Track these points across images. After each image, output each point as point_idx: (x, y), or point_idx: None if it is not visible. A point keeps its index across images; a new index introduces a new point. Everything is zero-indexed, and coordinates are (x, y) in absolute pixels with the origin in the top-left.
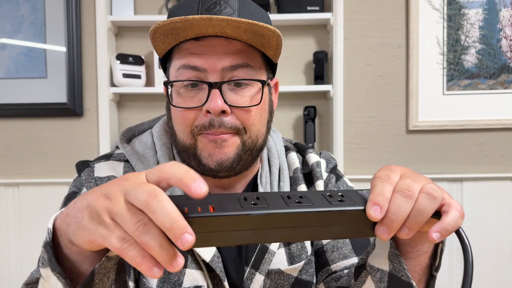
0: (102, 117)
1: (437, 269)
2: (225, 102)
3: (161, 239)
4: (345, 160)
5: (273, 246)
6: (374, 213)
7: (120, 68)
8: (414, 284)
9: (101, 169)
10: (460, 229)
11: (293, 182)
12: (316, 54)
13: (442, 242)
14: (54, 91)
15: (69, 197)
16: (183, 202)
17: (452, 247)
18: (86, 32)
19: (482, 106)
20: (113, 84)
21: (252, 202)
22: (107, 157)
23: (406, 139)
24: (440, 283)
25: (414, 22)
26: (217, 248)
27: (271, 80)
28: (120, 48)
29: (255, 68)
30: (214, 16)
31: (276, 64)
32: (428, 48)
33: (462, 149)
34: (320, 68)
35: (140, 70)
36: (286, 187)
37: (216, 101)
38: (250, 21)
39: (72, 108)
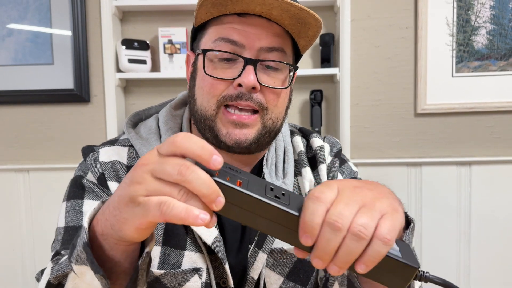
0: (108, 103)
1: None
2: (257, 80)
3: (201, 203)
4: (352, 144)
5: None
6: (305, 241)
7: (126, 54)
8: None
9: (106, 154)
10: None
11: (298, 164)
12: (322, 37)
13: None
14: (61, 77)
15: (75, 180)
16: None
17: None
18: (91, 17)
19: (492, 88)
20: (119, 70)
21: (276, 195)
22: (112, 142)
23: (414, 122)
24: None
25: (423, 3)
26: (220, 231)
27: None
28: (125, 33)
29: (287, 55)
30: None
31: (301, 55)
32: (437, 29)
33: (472, 132)
34: (327, 51)
35: (145, 55)
36: (290, 169)
37: (249, 77)
38: (302, 6)
39: (79, 94)
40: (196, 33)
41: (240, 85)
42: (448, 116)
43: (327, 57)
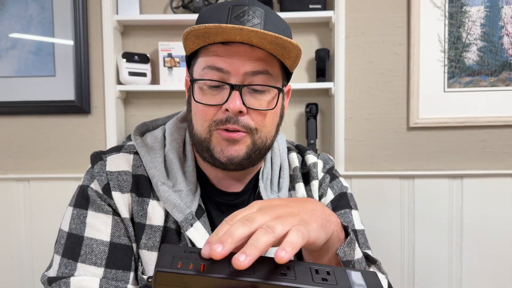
0: (109, 114)
1: None
2: (243, 103)
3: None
4: (346, 157)
5: None
6: (204, 250)
7: (126, 67)
8: None
9: (113, 163)
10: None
11: (292, 179)
12: (318, 52)
13: (342, 257)
14: (63, 89)
15: (82, 190)
16: (178, 255)
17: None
18: (92, 31)
19: (483, 103)
20: (119, 82)
21: None
22: (118, 149)
23: (407, 136)
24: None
25: (415, 20)
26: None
27: (285, 86)
28: (126, 46)
29: (273, 76)
30: (245, 27)
31: (292, 73)
32: (430, 45)
33: (463, 146)
34: (322, 66)
35: (145, 68)
36: (285, 184)
37: (235, 102)
38: (276, 34)
39: (79, 105)
40: (190, 60)
41: (227, 109)
42: (440, 130)
43: (323, 71)
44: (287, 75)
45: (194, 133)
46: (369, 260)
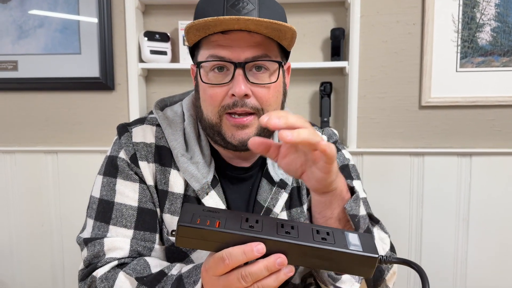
0: (131, 91)
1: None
2: (248, 80)
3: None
4: (358, 134)
5: (277, 209)
6: None
7: (148, 45)
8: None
9: (138, 134)
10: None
11: None
12: (333, 31)
13: (349, 210)
14: (88, 66)
15: (111, 160)
16: (198, 213)
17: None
18: (116, 10)
19: (494, 83)
20: (141, 60)
21: (250, 225)
22: (142, 121)
23: (418, 114)
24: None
25: (430, 0)
26: (227, 207)
27: (285, 64)
28: (148, 25)
29: (272, 58)
30: (241, 17)
31: (290, 51)
32: (443, 25)
33: (473, 124)
34: (337, 45)
35: (166, 46)
36: None
37: (240, 86)
38: (271, 20)
39: (104, 82)
40: (193, 51)
41: (233, 94)
42: (451, 109)
43: (337, 50)
44: (285, 54)
45: (204, 118)
46: (373, 219)
